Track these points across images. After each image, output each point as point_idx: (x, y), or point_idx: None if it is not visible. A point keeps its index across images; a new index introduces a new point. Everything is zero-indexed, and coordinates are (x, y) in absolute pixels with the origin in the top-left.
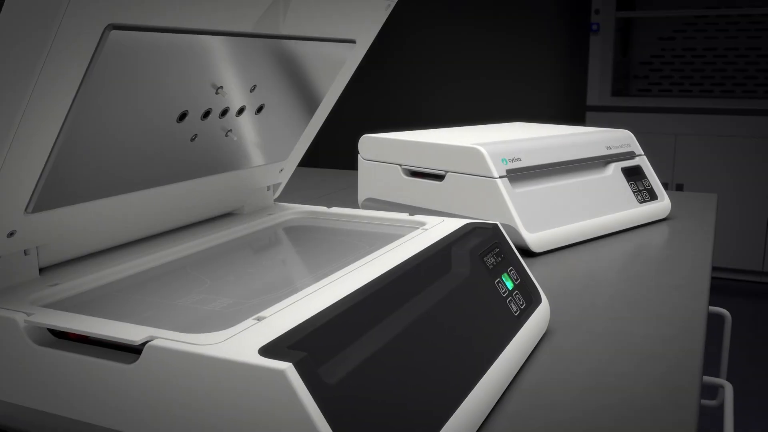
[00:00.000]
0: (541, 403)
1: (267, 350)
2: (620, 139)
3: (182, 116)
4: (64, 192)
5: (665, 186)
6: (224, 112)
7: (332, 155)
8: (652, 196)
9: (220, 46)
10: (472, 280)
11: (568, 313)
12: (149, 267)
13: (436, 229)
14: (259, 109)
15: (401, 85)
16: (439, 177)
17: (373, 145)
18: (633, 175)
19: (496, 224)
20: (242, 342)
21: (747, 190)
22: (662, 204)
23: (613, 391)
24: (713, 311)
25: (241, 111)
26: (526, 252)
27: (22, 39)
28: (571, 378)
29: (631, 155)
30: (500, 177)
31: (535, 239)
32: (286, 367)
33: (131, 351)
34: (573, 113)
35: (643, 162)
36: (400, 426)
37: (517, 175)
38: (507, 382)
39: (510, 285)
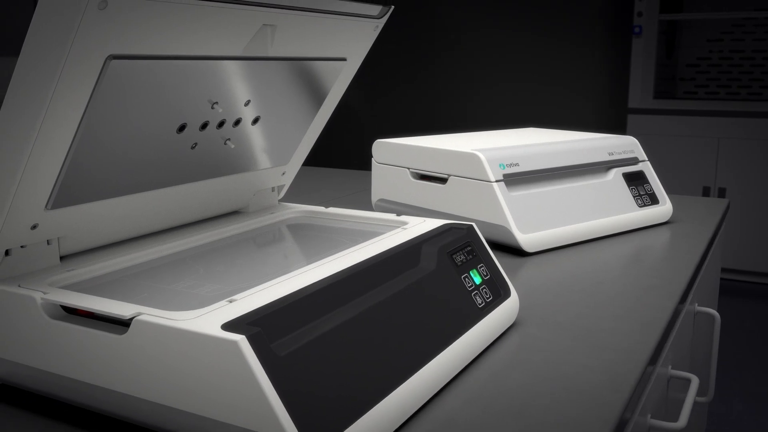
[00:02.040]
0: (493, 385)
1: (229, 325)
2: (624, 145)
3: (181, 128)
4: (76, 193)
5: (707, 190)
6: (221, 124)
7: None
8: (654, 200)
9: (214, 67)
10: (438, 274)
11: (544, 308)
12: (154, 257)
13: (415, 228)
14: (255, 120)
15: (442, 87)
16: (442, 180)
17: (384, 149)
18: (634, 180)
19: (472, 225)
20: (211, 319)
21: None
22: (663, 208)
23: (561, 377)
24: (703, 311)
25: (237, 122)
26: (521, 251)
27: (37, 68)
28: (527, 365)
29: (633, 161)
30: (497, 181)
31: (527, 240)
32: (240, 338)
33: (123, 324)
34: (615, 116)
35: (647, 168)
36: (345, 394)
37: (515, 179)
38: (462, 364)
39: (478, 280)
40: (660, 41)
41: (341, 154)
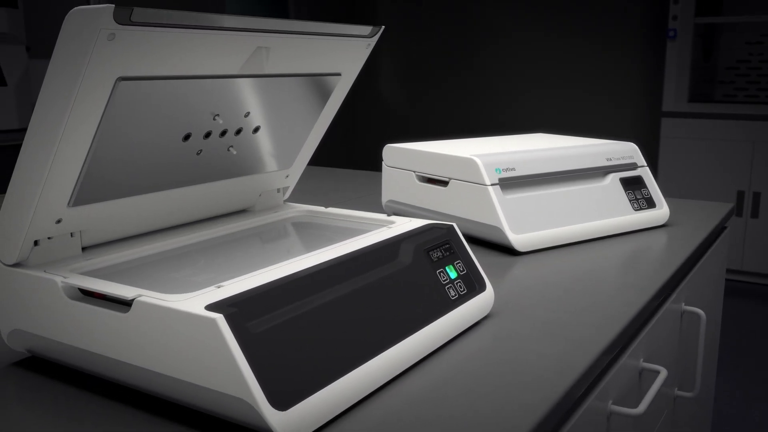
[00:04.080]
0: (454, 367)
1: (212, 306)
2: (623, 151)
3: (186, 137)
4: (94, 192)
5: (741, 194)
6: (223, 133)
7: None
8: (650, 204)
9: (214, 84)
10: (412, 268)
11: (523, 303)
12: (163, 249)
13: (399, 227)
14: (256, 129)
15: (481, 91)
16: (444, 183)
17: (393, 153)
18: (632, 184)
19: (452, 225)
20: (198, 301)
21: None
22: (659, 212)
23: (517, 362)
24: (690, 311)
25: (238, 131)
26: (515, 251)
27: (57, 89)
28: (491, 352)
29: (632, 166)
30: (492, 185)
31: (519, 240)
32: (218, 317)
33: (126, 304)
34: (649, 120)
35: (645, 173)
36: (312, 368)
37: (511, 183)
38: (429, 348)
39: (453, 275)
40: (696, 44)
41: (378, 155)
